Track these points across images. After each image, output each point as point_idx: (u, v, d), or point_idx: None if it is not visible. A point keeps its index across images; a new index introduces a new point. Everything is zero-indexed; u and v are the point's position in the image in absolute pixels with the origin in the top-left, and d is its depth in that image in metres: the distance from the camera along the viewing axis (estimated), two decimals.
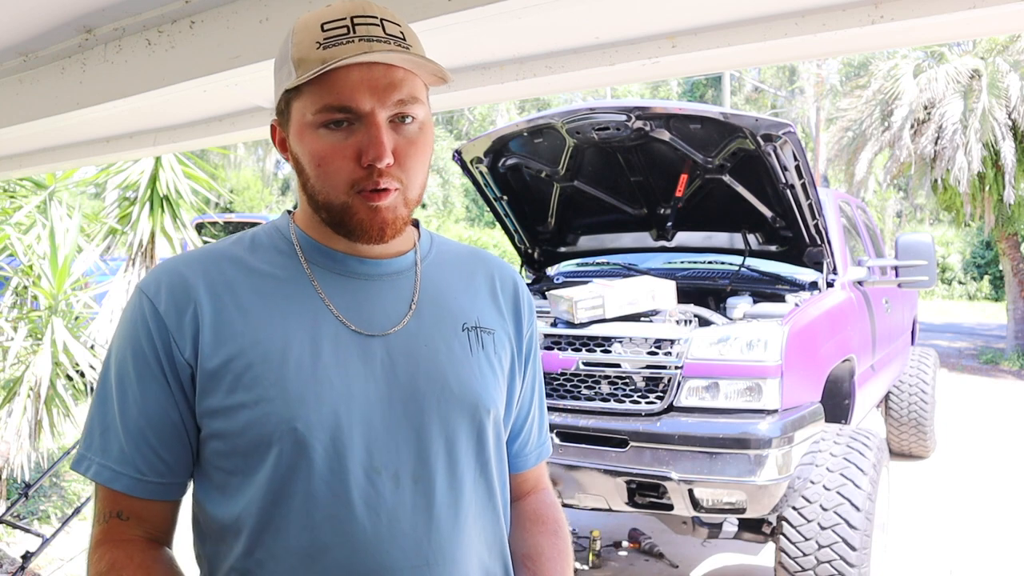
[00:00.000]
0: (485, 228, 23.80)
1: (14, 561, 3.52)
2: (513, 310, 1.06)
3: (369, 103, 0.85)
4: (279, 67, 0.92)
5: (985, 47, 12.01)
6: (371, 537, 0.86)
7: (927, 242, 4.56)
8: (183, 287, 0.89)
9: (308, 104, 0.87)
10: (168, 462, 0.89)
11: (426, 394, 0.91)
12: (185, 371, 0.88)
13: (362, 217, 0.88)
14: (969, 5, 1.32)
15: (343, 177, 0.87)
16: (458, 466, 0.93)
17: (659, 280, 3.50)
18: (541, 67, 1.84)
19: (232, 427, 0.87)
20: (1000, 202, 11.67)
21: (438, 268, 1.01)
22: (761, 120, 3.24)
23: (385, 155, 0.85)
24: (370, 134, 0.85)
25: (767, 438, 2.92)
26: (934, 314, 19.33)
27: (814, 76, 25.74)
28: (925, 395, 5.89)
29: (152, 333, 0.88)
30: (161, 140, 2.68)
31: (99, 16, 1.77)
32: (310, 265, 0.94)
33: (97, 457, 0.89)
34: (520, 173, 4.09)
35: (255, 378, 0.86)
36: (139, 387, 0.88)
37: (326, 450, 0.86)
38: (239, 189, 25.02)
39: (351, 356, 0.89)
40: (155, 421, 0.88)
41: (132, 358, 0.89)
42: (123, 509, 0.90)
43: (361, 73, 0.85)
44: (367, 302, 0.93)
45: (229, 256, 0.94)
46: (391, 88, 0.86)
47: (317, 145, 0.87)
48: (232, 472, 0.88)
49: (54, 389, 4.39)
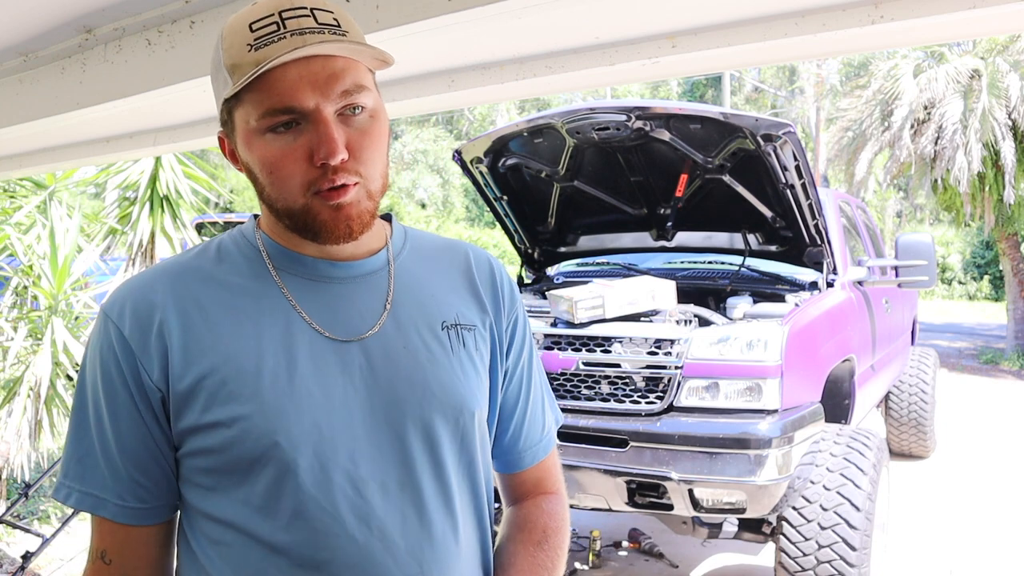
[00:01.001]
0: (485, 228, 23.80)
1: (14, 561, 3.52)
2: (492, 297, 1.00)
3: (312, 100, 0.80)
4: (214, 76, 0.88)
5: (985, 47, 12.01)
6: (363, 549, 0.84)
7: (927, 242, 4.56)
8: (147, 307, 0.85)
9: (250, 110, 0.82)
10: (147, 487, 0.87)
11: (407, 399, 0.88)
12: (155, 395, 0.85)
13: (325, 218, 0.84)
14: (969, 5, 1.32)
15: (298, 180, 0.83)
16: (444, 471, 0.90)
17: (659, 280, 3.50)
18: (541, 67, 1.84)
19: (211, 445, 0.84)
20: (1000, 202, 11.67)
21: (413, 264, 0.97)
22: (761, 120, 3.24)
23: (338, 151, 0.80)
24: (319, 132, 0.81)
25: (767, 438, 2.92)
26: (934, 314, 19.32)
27: (814, 76, 25.73)
28: (925, 395, 5.89)
29: (118, 358, 0.85)
30: (161, 140, 2.69)
31: (99, 16, 1.77)
32: (279, 272, 0.90)
33: (77, 485, 0.87)
34: (520, 173, 4.09)
35: (230, 394, 0.83)
36: (109, 413, 0.86)
37: (310, 463, 0.83)
38: (239, 189, 25.01)
39: (328, 364, 0.86)
40: (129, 447, 0.86)
41: (101, 384, 0.86)
42: (107, 548, 0.88)
43: (299, 69, 0.80)
44: (340, 306, 0.89)
45: (193, 269, 0.90)
46: (333, 80, 0.81)
47: (266, 151, 0.83)
48: (212, 489, 0.85)
49: (54, 389, 4.39)
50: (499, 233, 18.04)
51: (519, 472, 1.07)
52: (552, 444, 1.11)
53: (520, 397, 1.05)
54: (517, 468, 1.06)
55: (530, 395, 1.06)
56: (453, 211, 25.94)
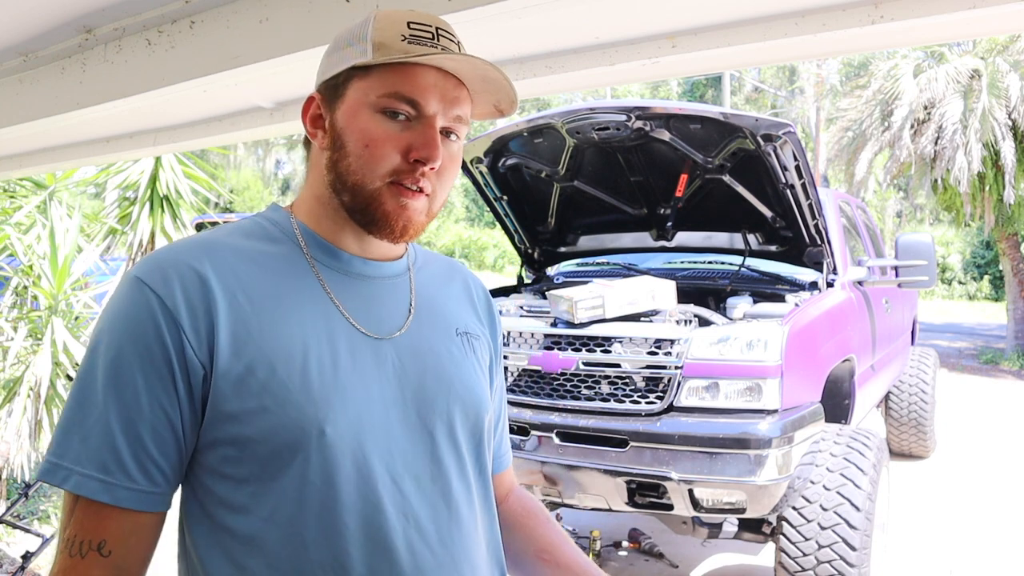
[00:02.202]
0: (485, 228, 23.79)
1: (14, 561, 3.52)
2: (488, 317, 1.09)
3: (435, 107, 0.88)
4: (346, 44, 0.91)
5: (985, 47, 12.01)
6: (404, 543, 0.86)
7: (927, 242, 4.56)
8: (194, 282, 0.83)
9: (376, 86, 0.87)
10: (163, 468, 0.82)
11: (435, 396, 0.92)
12: (198, 372, 0.82)
13: (388, 209, 0.88)
14: (969, 5, 1.32)
15: (386, 165, 0.87)
16: (465, 466, 0.94)
17: (659, 280, 3.50)
18: (541, 67, 1.84)
19: (250, 432, 0.82)
20: (1000, 202, 11.68)
21: (426, 275, 1.03)
22: (761, 120, 3.25)
23: (437, 156, 0.87)
24: (426, 134, 0.87)
25: (767, 438, 2.92)
26: (934, 314, 19.33)
27: (814, 76, 25.75)
28: (925, 395, 5.89)
29: (162, 329, 0.81)
30: (161, 140, 2.69)
31: (99, 16, 1.77)
32: (315, 263, 0.92)
33: (77, 466, 0.80)
34: (520, 173, 4.09)
35: (280, 382, 0.82)
36: (141, 387, 0.81)
37: (355, 455, 0.84)
38: (239, 189, 25.02)
39: (366, 359, 0.89)
40: (154, 424, 0.81)
41: (133, 355, 0.81)
42: (107, 538, 0.80)
43: (436, 78, 0.88)
44: (373, 304, 0.93)
45: (234, 248, 0.89)
46: (456, 102, 0.90)
47: (371, 126, 0.87)
48: (244, 480, 0.83)
49: (54, 389, 4.39)
50: (499, 233, 18.03)
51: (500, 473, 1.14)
52: None
53: (500, 406, 1.12)
54: (502, 469, 1.14)
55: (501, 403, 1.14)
56: (453, 211, 25.93)
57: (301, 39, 1.52)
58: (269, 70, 1.63)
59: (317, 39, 1.50)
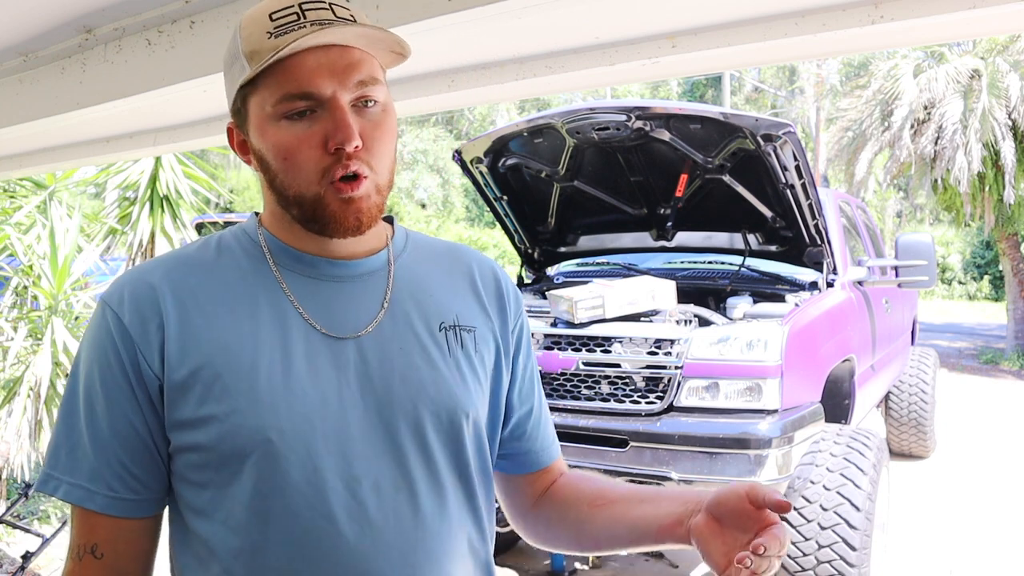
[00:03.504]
0: (485, 228, 23.80)
1: (14, 561, 3.52)
2: (497, 303, 1.01)
3: (330, 87, 0.82)
4: (229, 66, 0.89)
5: (985, 47, 12.01)
6: (355, 550, 0.83)
7: (927, 242, 4.57)
8: (147, 297, 0.86)
9: (266, 96, 0.83)
10: (140, 477, 0.86)
11: (401, 398, 0.88)
12: (153, 384, 0.84)
13: (335, 209, 0.85)
14: (969, 5, 1.32)
15: (311, 166, 0.83)
16: (438, 472, 0.90)
17: (659, 280, 3.50)
18: (541, 67, 1.84)
19: (203, 439, 0.83)
20: (1000, 202, 11.68)
21: (414, 265, 0.97)
22: (761, 120, 3.25)
23: (353, 137, 0.82)
24: (335, 118, 0.82)
25: (767, 438, 2.92)
26: (934, 314, 19.33)
27: (814, 76, 25.74)
28: (925, 395, 5.89)
29: (118, 346, 0.84)
30: (161, 140, 2.68)
31: (99, 16, 1.77)
32: (279, 268, 0.90)
33: (66, 476, 0.85)
34: (520, 173, 4.09)
35: (224, 388, 0.83)
36: (106, 402, 0.85)
37: (302, 461, 0.83)
38: (239, 189, 25.02)
39: (323, 361, 0.86)
40: (124, 436, 0.85)
41: (99, 373, 0.85)
42: (99, 541, 0.86)
43: (318, 57, 0.82)
44: (338, 304, 0.90)
45: (194, 262, 0.90)
46: (350, 69, 0.83)
47: (280, 137, 0.84)
48: (204, 486, 0.85)
49: (54, 389, 4.38)
50: (499, 233, 18.04)
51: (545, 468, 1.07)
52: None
53: (533, 396, 1.07)
54: (539, 466, 1.07)
55: (536, 394, 1.08)
56: (453, 211, 25.94)
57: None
58: None
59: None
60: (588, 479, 1.06)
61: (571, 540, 1.04)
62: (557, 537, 1.06)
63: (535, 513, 1.07)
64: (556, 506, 1.05)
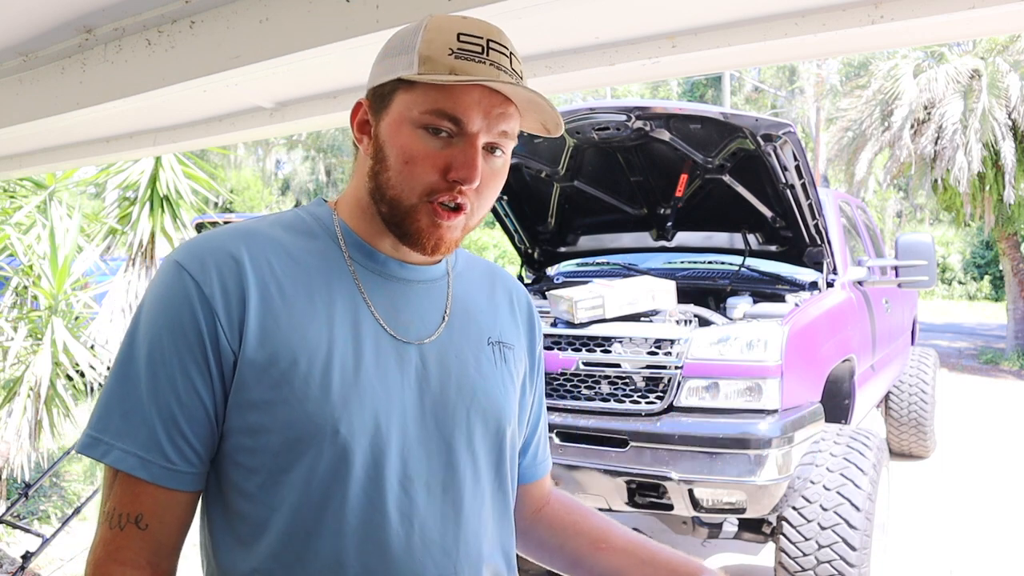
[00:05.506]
0: (485, 228, 23.78)
1: (14, 561, 3.52)
2: (527, 326, 1.08)
3: (478, 124, 0.86)
4: (394, 53, 0.90)
5: (985, 47, 12.01)
6: (404, 546, 0.86)
7: (927, 242, 4.57)
8: (231, 270, 0.85)
9: (419, 101, 0.86)
10: (198, 450, 0.85)
11: (456, 405, 0.92)
12: (228, 358, 0.84)
13: (422, 226, 0.88)
14: (969, 5, 1.32)
15: (424, 182, 0.87)
16: (481, 477, 0.94)
17: (659, 280, 3.50)
18: (541, 67, 1.84)
19: (267, 423, 0.84)
20: (1000, 202, 11.68)
21: (465, 281, 1.02)
22: (761, 120, 3.25)
23: (476, 178, 0.86)
24: (467, 153, 0.86)
25: (767, 438, 2.92)
26: (934, 314, 19.33)
27: (814, 76, 25.73)
28: (925, 395, 5.89)
29: (197, 314, 0.84)
30: (161, 140, 2.68)
31: (99, 16, 1.77)
32: (352, 262, 0.92)
33: (118, 442, 0.83)
34: (520, 173, 4.09)
35: (300, 375, 0.84)
36: (177, 369, 0.84)
37: (365, 456, 0.85)
38: (239, 189, 25.03)
39: (389, 362, 0.89)
40: (189, 407, 0.84)
41: (170, 338, 0.84)
42: (144, 512, 0.84)
43: (482, 95, 0.86)
44: (405, 307, 0.93)
45: (272, 240, 0.90)
46: (501, 118, 0.88)
47: (412, 143, 0.87)
48: (255, 470, 0.85)
49: (54, 389, 4.39)
50: (499, 233, 18.03)
51: (539, 481, 1.14)
52: None
53: (541, 415, 1.14)
54: (535, 478, 1.14)
55: (543, 412, 1.15)
56: None
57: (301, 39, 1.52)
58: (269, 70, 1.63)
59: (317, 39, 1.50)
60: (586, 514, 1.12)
61: (565, 568, 1.10)
62: (551, 560, 1.11)
63: (529, 528, 1.12)
64: (556, 533, 1.11)
